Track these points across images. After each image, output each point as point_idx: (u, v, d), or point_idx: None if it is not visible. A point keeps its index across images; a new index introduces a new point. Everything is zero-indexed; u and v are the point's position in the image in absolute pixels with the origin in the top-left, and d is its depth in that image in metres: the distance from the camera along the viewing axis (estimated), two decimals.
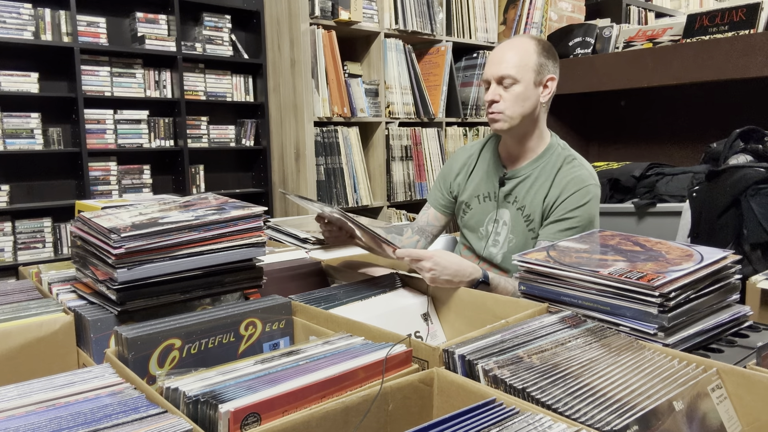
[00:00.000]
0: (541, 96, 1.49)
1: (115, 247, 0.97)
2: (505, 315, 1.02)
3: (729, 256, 1.04)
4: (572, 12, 4.40)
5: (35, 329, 0.98)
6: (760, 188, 1.72)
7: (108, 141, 2.91)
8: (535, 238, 1.52)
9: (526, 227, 1.53)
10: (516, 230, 1.54)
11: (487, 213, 1.60)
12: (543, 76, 1.48)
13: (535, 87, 1.47)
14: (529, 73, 1.46)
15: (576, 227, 1.45)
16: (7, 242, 2.68)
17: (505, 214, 1.57)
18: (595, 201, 1.49)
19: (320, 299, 1.15)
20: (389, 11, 3.15)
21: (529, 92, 1.46)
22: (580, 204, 1.46)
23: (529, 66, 1.46)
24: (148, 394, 0.75)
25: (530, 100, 1.47)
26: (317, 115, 2.90)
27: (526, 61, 1.46)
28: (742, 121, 2.08)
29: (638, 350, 0.86)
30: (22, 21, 2.65)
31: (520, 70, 1.45)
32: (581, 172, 1.49)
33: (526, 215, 1.53)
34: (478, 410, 0.68)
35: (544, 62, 1.48)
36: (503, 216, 1.57)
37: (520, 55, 1.46)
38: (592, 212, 1.48)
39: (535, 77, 1.46)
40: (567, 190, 1.47)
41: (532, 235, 1.52)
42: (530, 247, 1.51)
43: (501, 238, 1.57)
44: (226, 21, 3.20)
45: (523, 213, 1.53)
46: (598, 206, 1.51)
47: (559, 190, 1.48)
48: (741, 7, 2.79)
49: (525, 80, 1.45)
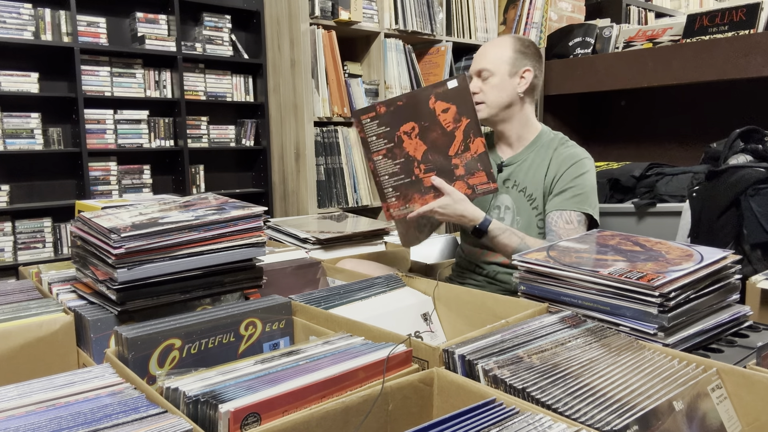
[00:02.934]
0: (518, 86, 1.58)
1: (115, 247, 0.97)
2: (505, 315, 1.02)
3: (729, 256, 1.04)
4: (572, 12, 4.40)
5: (35, 329, 0.98)
6: (760, 188, 1.72)
7: (108, 141, 2.91)
8: (538, 216, 1.57)
9: (530, 206, 1.58)
10: (521, 212, 1.59)
11: (488, 200, 1.65)
12: (518, 68, 1.58)
13: (510, 78, 1.58)
14: (503, 65, 1.57)
15: (581, 193, 1.52)
16: (7, 242, 2.68)
17: (506, 199, 1.62)
18: (592, 173, 1.57)
19: (320, 299, 1.15)
20: (389, 11, 3.15)
21: (505, 83, 1.57)
22: (579, 173, 1.54)
23: (503, 59, 1.58)
24: (148, 394, 0.75)
25: (506, 90, 1.58)
26: (317, 115, 2.90)
27: (500, 55, 1.58)
28: (742, 121, 2.08)
29: (638, 350, 0.86)
30: (22, 21, 2.65)
31: (495, 62, 1.58)
32: (575, 150, 1.59)
33: (529, 195, 1.58)
34: (478, 410, 0.68)
35: (519, 56, 1.59)
36: (504, 201, 1.62)
37: (495, 50, 1.60)
38: (591, 181, 1.55)
39: (509, 69, 1.58)
40: (564, 165, 1.55)
41: (535, 213, 1.57)
42: (534, 227, 1.57)
43: (507, 223, 1.60)
44: (226, 21, 3.20)
45: (526, 194, 1.59)
46: (595, 177, 1.58)
47: (557, 166, 1.56)
48: (741, 7, 2.79)
49: (500, 72, 1.57)
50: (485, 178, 1.41)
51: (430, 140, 1.40)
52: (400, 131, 1.40)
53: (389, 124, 1.39)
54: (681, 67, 2.96)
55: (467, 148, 1.41)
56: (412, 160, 1.41)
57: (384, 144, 1.40)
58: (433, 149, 1.40)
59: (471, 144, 1.40)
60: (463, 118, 1.39)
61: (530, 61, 1.59)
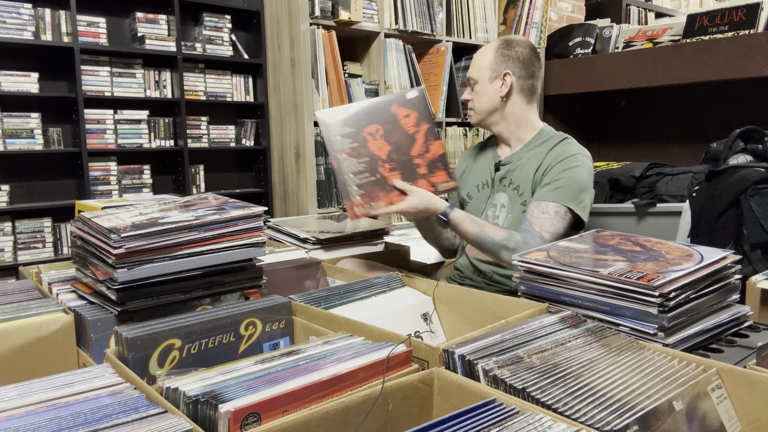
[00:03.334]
0: (500, 90, 1.61)
1: (115, 247, 0.97)
2: (505, 315, 1.02)
3: (729, 256, 1.04)
4: (572, 12, 4.40)
5: (35, 329, 0.98)
6: (760, 188, 1.72)
7: (108, 141, 2.91)
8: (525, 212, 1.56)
9: (519, 203, 1.58)
10: (513, 209, 1.60)
11: (485, 199, 1.66)
12: (498, 72, 1.61)
13: (490, 83, 1.62)
14: (484, 71, 1.62)
15: (564, 186, 1.49)
16: (7, 242, 2.68)
17: (502, 197, 1.63)
18: (585, 168, 1.53)
19: (320, 299, 1.15)
20: (389, 11, 3.14)
21: (487, 88, 1.63)
22: (567, 167, 1.52)
23: (484, 65, 1.62)
24: (148, 394, 0.75)
25: (489, 95, 1.63)
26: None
27: (482, 62, 1.63)
28: (742, 121, 2.08)
29: (638, 350, 0.86)
30: (22, 21, 2.65)
31: (479, 70, 1.64)
32: (571, 147, 1.57)
33: (521, 192, 1.59)
34: (478, 410, 0.68)
35: (499, 60, 1.61)
36: (500, 199, 1.63)
37: (478, 58, 1.65)
38: (581, 177, 1.52)
39: (490, 74, 1.62)
40: (556, 159, 1.55)
41: (522, 209, 1.57)
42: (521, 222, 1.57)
43: (500, 221, 1.62)
44: (226, 21, 3.20)
45: (519, 191, 1.60)
46: (590, 176, 1.55)
47: (549, 161, 1.56)
48: (741, 7, 2.79)
49: (482, 78, 1.63)
50: (446, 176, 1.48)
51: (393, 141, 1.45)
52: (365, 132, 1.44)
53: (353, 125, 1.44)
54: (681, 67, 2.96)
55: (428, 150, 1.47)
56: (376, 159, 1.44)
57: (348, 143, 1.43)
58: (396, 150, 1.45)
59: (431, 146, 1.48)
60: (422, 123, 1.48)
61: (511, 64, 1.60)
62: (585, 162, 1.54)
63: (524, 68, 1.61)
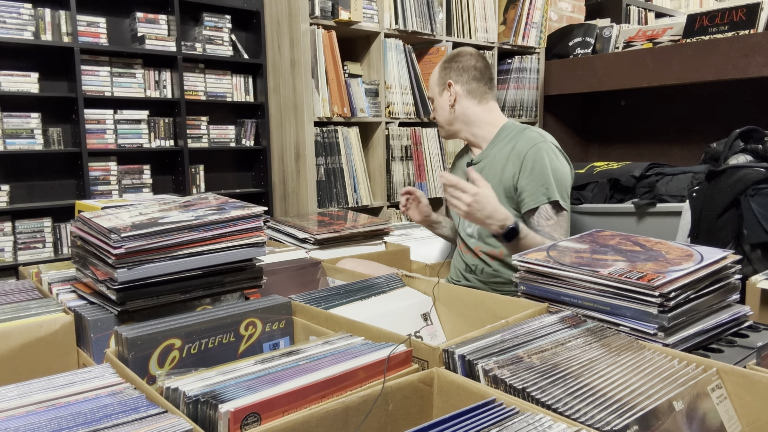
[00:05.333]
0: (449, 99, 1.72)
1: (115, 247, 0.97)
2: (505, 315, 1.02)
3: (729, 256, 1.04)
4: (572, 12, 4.40)
5: (35, 329, 0.98)
6: (760, 188, 1.72)
7: (108, 141, 2.91)
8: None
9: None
10: None
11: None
12: (443, 84, 1.74)
13: (440, 96, 1.75)
14: (435, 87, 1.77)
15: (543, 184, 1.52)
16: (7, 242, 2.68)
17: None
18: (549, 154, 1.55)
19: (320, 299, 1.15)
20: (389, 11, 3.14)
21: (440, 101, 1.76)
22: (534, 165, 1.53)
23: (434, 82, 1.77)
24: (148, 394, 0.75)
25: (443, 108, 1.75)
26: (317, 115, 2.90)
27: (432, 80, 1.77)
28: (742, 121, 2.08)
29: (638, 350, 0.86)
30: (22, 21, 2.65)
31: (431, 88, 1.79)
32: (529, 135, 1.60)
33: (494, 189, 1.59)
34: (478, 410, 0.68)
35: (442, 73, 1.74)
36: None
37: (430, 78, 1.78)
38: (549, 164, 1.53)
39: (439, 89, 1.75)
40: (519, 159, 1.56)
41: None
42: None
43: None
44: (226, 21, 3.20)
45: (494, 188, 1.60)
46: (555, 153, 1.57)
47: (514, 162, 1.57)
48: (741, 7, 2.79)
49: (435, 94, 1.77)
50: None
51: None
52: None
53: None
54: (681, 67, 2.96)
55: None
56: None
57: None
58: None
59: None
60: None
61: (452, 73, 1.70)
62: (546, 148, 1.56)
63: (465, 73, 1.69)
